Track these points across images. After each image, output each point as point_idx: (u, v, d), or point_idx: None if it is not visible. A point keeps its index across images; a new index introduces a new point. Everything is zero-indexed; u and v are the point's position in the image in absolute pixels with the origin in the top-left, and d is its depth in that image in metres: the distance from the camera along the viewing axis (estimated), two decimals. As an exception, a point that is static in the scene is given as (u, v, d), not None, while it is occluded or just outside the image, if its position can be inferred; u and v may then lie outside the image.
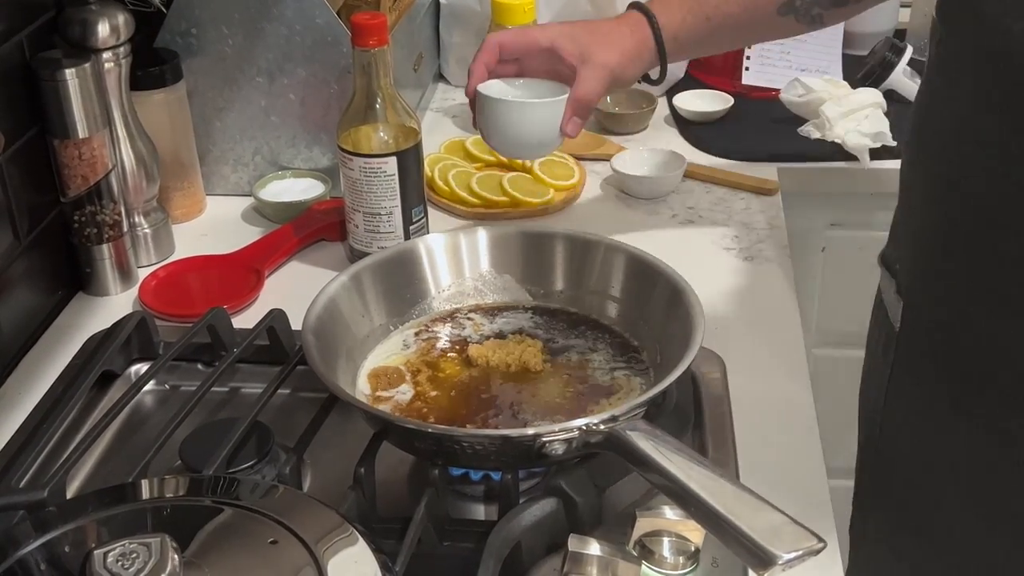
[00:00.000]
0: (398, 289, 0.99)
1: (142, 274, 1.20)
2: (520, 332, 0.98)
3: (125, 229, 1.18)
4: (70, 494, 0.85)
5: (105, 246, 1.16)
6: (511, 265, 1.02)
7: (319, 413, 0.89)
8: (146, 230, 1.23)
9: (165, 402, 1.02)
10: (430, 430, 0.82)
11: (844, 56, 1.62)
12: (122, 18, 1.14)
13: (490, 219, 1.28)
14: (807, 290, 1.53)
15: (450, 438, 0.80)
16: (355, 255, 1.17)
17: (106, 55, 1.13)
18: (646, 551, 0.77)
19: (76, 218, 1.15)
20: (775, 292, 1.16)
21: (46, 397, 0.97)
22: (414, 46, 1.49)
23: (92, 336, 1.06)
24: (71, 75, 1.08)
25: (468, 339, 0.97)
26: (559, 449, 0.77)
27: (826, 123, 1.43)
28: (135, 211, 1.22)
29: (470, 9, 1.59)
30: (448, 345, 0.97)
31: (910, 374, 0.93)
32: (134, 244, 1.21)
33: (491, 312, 1.01)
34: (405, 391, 0.91)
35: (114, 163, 1.15)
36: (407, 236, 1.16)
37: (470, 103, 1.07)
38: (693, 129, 1.51)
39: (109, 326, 1.04)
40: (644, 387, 0.90)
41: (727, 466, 0.88)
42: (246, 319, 1.09)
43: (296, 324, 0.94)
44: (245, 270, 1.19)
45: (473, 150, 1.41)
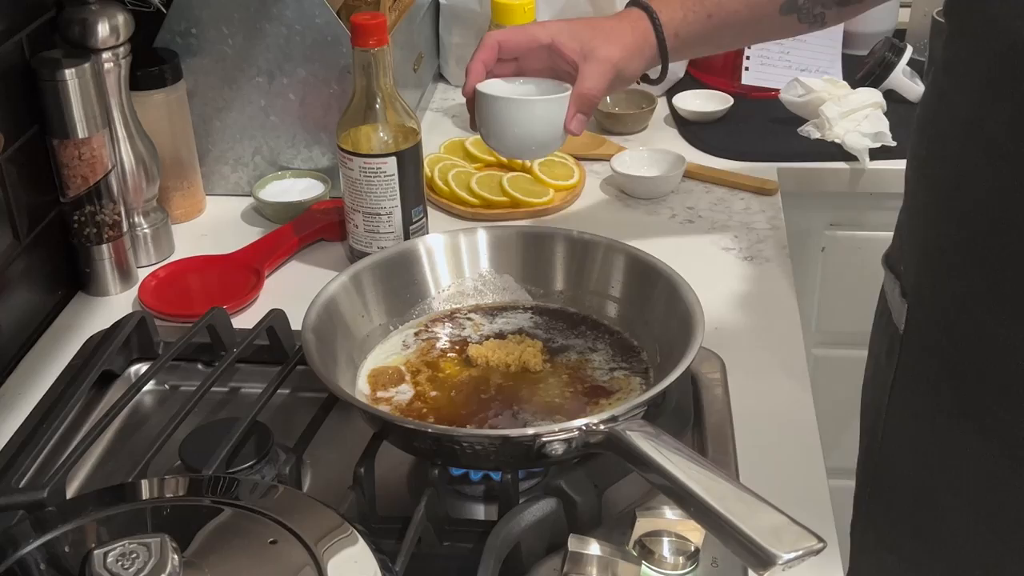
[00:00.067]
0: (398, 289, 0.99)
1: (142, 274, 1.20)
2: (520, 332, 0.98)
3: (125, 229, 1.18)
4: (70, 494, 0.85)
5: (105, 246, 1.16)
6: (511, 265, 1.02)
7: (319, 413, 0.89)
8: (146, 230, 1.23)
9: (165, 402, 1.02)
10: (430, 430, 0.82)
11: (844, 56, 1.63)
12: (122, 18, 1.14)
13: (490, 219, 1.28)
14: (807, 290, 1.53)
15: (450, 438, 0.80)
16: (355, 255, 1.17)
17: (106, 55, 1.13)
18: (646, 551, 0.77)
19: (76, 218, 1.15)
20: (775, 292, 1.16)
21: (46, 397, 0.97)
22: (414, 46, 1.49)
23: (92, 336, 1.06)
24: (71, 75, 1.08)
25: (468, 339, 0.97)
26: (559, 449, 0.77)
27: (826, 123, 1.43)
28: (135, 211, 1.22)
29: (470, 9, 1.60)
30: (448, 345, 0.97)
31: (914, 377, 0.92)
32: (134, 244, 1.21)
33: (491, 312, 1.01)
34: (405, 391, 0.91)
35: (114, 163, 1.15)
36: (407, 236, 1.16)
37: (467, 103, 1.05)
38: (693, 129, 1.51)
39: (109, 326, 1.04)
40: (644, 387, 0.90)
41: (727, 466, 0.88)
42: (246, 319, 1.09)
43: (296, 324, 0.94)
44: (245, 270, 1.19)
45: (473, 150, 1.41)
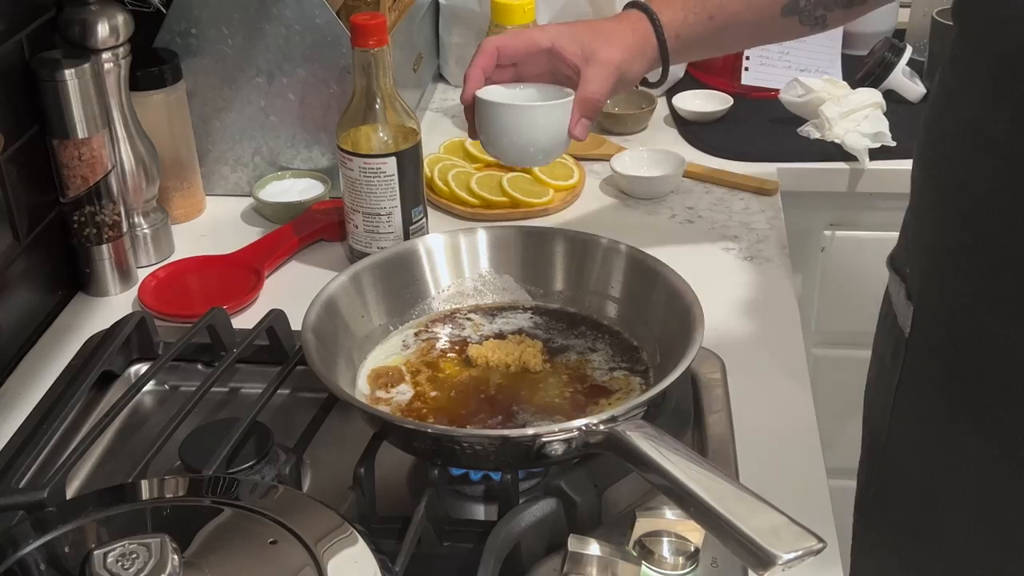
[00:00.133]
0: (398, 289, 0.99)
1: (142, 274, 1.20)
2: (520, 332, 0.98)
3: (125, 229, 1.18)
4: (70, 494, 0.85)
5: (105, 246, 1.16)
6: (511, 265, 1.02)
7: (319, 413, 0.89)
8: (146, 230, 1.23)
9: (165, 402, 1.02)
10: (429, 430, 0.82)
11: (843, 56, 1.63)
12: (121, 18, 1.14)
13: (490, 219, 1.28)
14: (807, 290, 1.53)
15: (449, 438, 0.80)
16: (355, 255, 1.17)
17: (106, 55, 1.13)
18: (646, 551, 0.77)
19: (76, 218, 1.15)
20: (775, 292, 1.16)
21: (46, 397, 0.97)
22: (413, 46, 1.49)
23: (92, 336, 1.06)
24: (71, 75, 1.08)
25: (468, 339, 0.97)
26: (559, 449, 0.77)
27: (825, 123, 1.43)
28: (135, 211, 1.22)
29: (470, 9, 1.60)
30: (448, 345, 0.97)
31: (919, 379, 0.92)
32: (134, 244, 1.21)
33: (491, 312, 1.01)
34: (405, 391, 0.91)
35: (113, 163, 1.15)
36: (407, 236, 1.16)
37: (466, 111, 1.02)
38: (693, 129, 1.51)
39: (109, 326, 1.04)
40: (644, 387, 0.90)
41: (727, 466, 0.88)
42: (246, 319, 1.09)
43: (296, 324, 0.94)
44: (245, 270, 1.19)
45: (472, 150, 1.41)
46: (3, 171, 1.05)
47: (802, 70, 1.57)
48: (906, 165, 1.41)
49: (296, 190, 1.32)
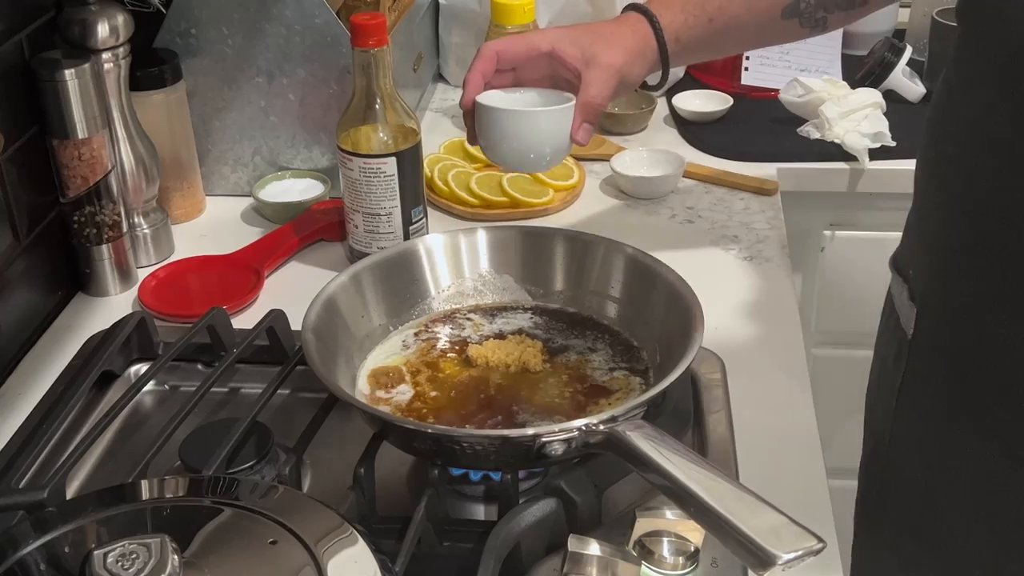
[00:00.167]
0: (398, 289, 0.99)
1: (142, 274, 1.20)
2: (519, 332, 0.97)
3: (125, 229, 1.18)
4: (70, 494, 0.85)
5: (105, 246, 1.16)
6: (510, 265, 1.02)
7: (319, 413, 0.89)
8: (145, 230, 1.23)
9: (165, 402, 1.02)
10: (429, 430, 0.82)
11: (843, 56, 1.63)
12: (121, 18, 1.14)
13: (489, 219, 1.28)
14: (807, 290, 1.53)
15: (449, 438, 0.80)
16: (355, 255, 1.17)
17: (105, 55, 1.13)
18: (646, 551, 0.77)
19: (76, 218, 1.15)
20: (775, 292, 1.16)
21: (46, 397, 0.97)
22: (413, 46, 1.49)
23: (92, 336, 1.06)
24: (70, 75, 1.08)
25: (468, 339, 0.97)
26: (558, 449, 0.77)
27: (825, 123, 1.43)
28: (135, 211, 1.22)
29: (469, 9, 1.60)
30: (448, 345, 0.97)
31: (922, 381, 0.92)
32: (134, 244, 1.21)
33: (490, 312, 1.01)
34: (405, 391, 0.91)
35: (113, 163, 1.15)
36: (407, 236, 1.16)
37: (465, 117, 1.01)
38: (692, 129, 1.51)
39: (109, 326, 1.04)
40: (643, 387, 0.90)
41: (727, 466, 0.88)
42: (246, 319, 1.09)
43: (296, 324, 0.94)
44: (245, 270, 1.19)
45: (472, 151, 1.41)
46: (3, 171, 1.05)
47: (802, 70, 1.57)
48: (906, 165, 1.42)
49: (296, 190, 1.32)
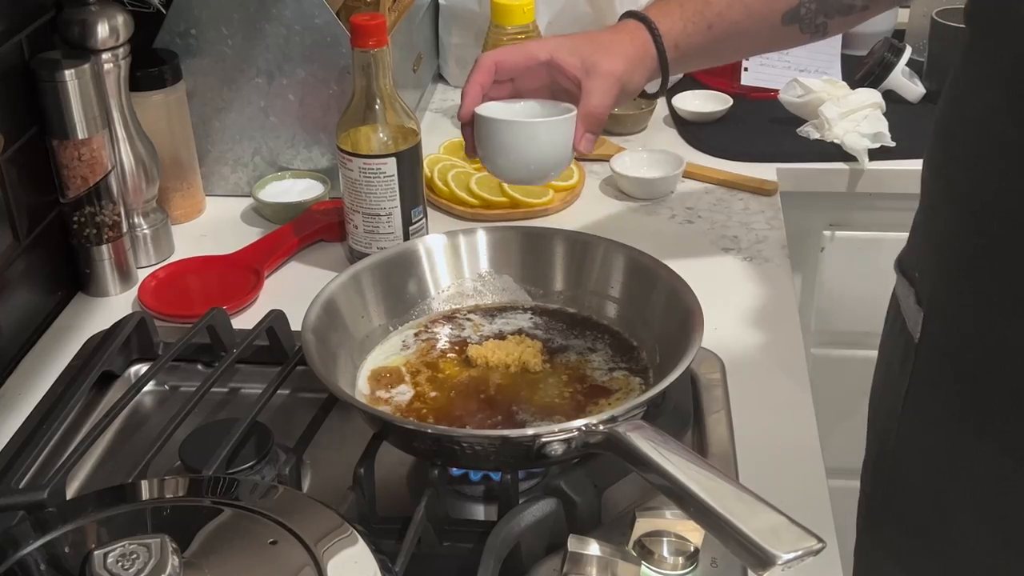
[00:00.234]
0: (397, 290, 0.99)
1: (142, 275, 1.20)
2: (519, 332, 0.98)
3: (124, 230, 1.18)
4: (70, 495, 0.85)
5: (104, 247, 1.16)
6: (510, 265, 1.02)
7: (319, 413, 0.89)
8: (145, 231, 1.23)
9: (165, 402, 1.02)
10: (429, 431, 0.82)
11: (843, 56, 1.63)
12: (121, 19, 1.14)
13: (489, 219, 1.28)
14: (806, 290, 1.53)
15: (449, 439, 0.80)
16: (354, 256, 1.17)
17: (105, 56, 1.13)
18: (645, 551, 0.77)
19: (75, 219, 1.15)
20: (774, 292, 1.16)
21: (46, 398, 0.97)
22: (413, 47, 1.49)
23: (92, 337, 1.06)
24: (70, 76, 1.08)
25: (467, 340, 0.97)
26: (558, 449, 0.77)
27: (825, 123, 1.43)
28: (134, 212, 1.22)
29: (469, 10, 1.60)
30: (447, 346, 0.97)
31: (929, 385, 0.91)
32: (133, 245, 1.21)
33: (490, 312, 1.01)
34: (404, 391, 0.91)
35: (113, 164, 1.15)
36: (406, 237, 1.16)
37: (463, 129, 1.00)
38: (692, 129, 1.51)
39: (109, 327, 1.04)
40: (643, 387, 0.90)
41: (727, 466, 0.88)
42: (246, 319, 1.09)
43: (296, 324, 0.94)
44: (244, 271, 1.19)
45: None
46: (3, 171, 1.05)
47: (802, 70, 1.57)
48: (905, 165, 1.43)
49: (296, 190, 1.32)
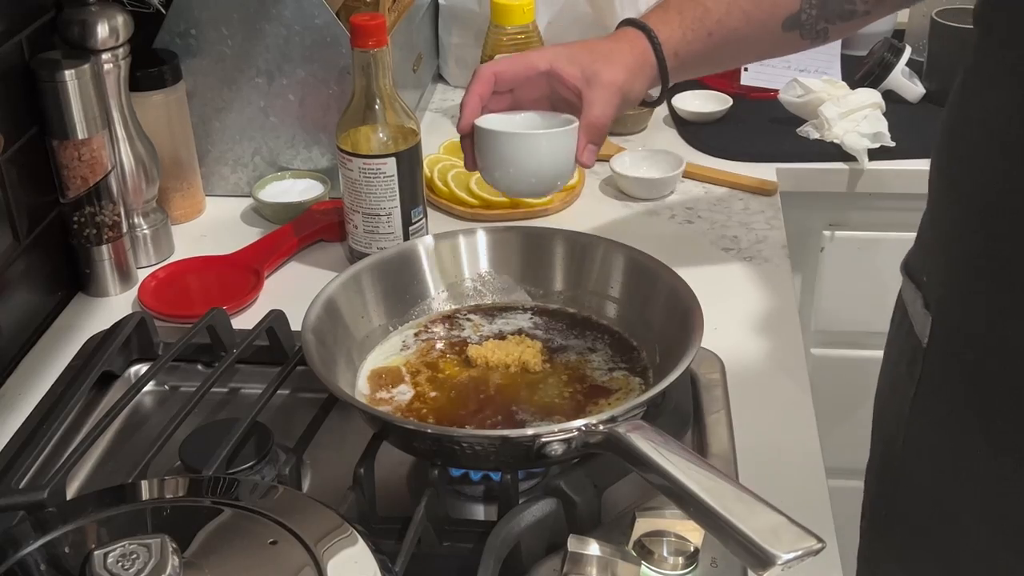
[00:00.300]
0: (397, 290, 0.99)
1: (141, 275, 1.20)
2: (519, 332, 0.98)
3: (124, 230, 1.18)
4: (70, 495, 0.85)
5: (104, 247, 1.16)
6: (510, 265, 1.02)
7: (319, 413, 0.89)
8: (145, 231, 1.23)
9: (165, 402, 1.02)
10: (429, 431, 0.83)
11: (843, 56, 1.63)
12: (121, 19, 1.14)
13: (489, 219, 1.28)
14: (806, 290, 1.53)
15: (449, 439, 0.80)
16: (354, 256, 1.17)
17: (105, 56, 1.14)
18: (645, 551, 0.77)
19: (75, 219, 1.15)
20: (774, 292, 1.16)
21: (46, 398, 0.97)
22: (413, 47, 1.49)
23: (92, 337, 1.06)
24: (70, 76, 1.08)
25: (467, 340, 0.97)
26: (558, 449, 0.77)
27: (825, 123, 1.43)
28: (134, 212, 1.22)
29: (469, 10, 1.60)
30: (447, 346, 0.97)
31: (937, 390, 0.90)
32: (133, 245, 1.21)
33: (490, 312, 1.01)
34: (404, 392, 0.91)
35: (113, 164, 1.15)
36: (406, 237, 1.16)
37: (463, 141, 0.99)
38: (692, 129, 1.51)
39: (109, 327, 1.04)
40: (643, 387, 0.90)
41: (727, 466, 0.88)
42: (246, 320, 1.09)
43: (295, 325, 0.94)
44: (244, 271, 1.19)
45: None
46: (3, 172, 1.05)
47: (801, 70, 1.57)
48: (905, 165, 1.43)
49: (296, 190, 1.32)
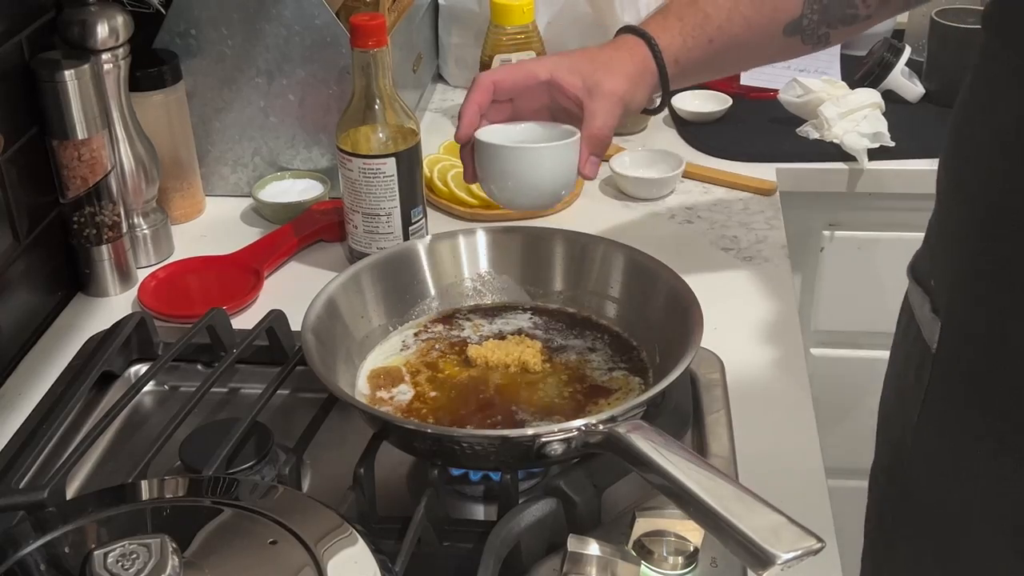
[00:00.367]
0: (397, 290, 0.99)
1: (141, 275, 1.20)
2: (519, 332, 0.98)
3: (124, 230, 1.18)
4: (70, 495, 0.85)
5: (104, 247, 1.16)
6: (510, 265, 1.02)
7: (318, 413, 0.89)
8: (145, 231, 1.23)
9: (165, 402, 1.02)
10: (429, 431, 0.83)
11: (842, 56, 1.63)
12: (121, 19, 1.14)
13: (489, 219, 1.28)
14: (806, 290, 1.53)
15: (449, 438, 0.80)
16: (354, 256, 1.17)
17: (105, 56, 1.14)
18: (645, 551, 0.77)
19: (75, 219, 1.15)
20: (774, 292, 1.16)
21: (46, 398, 0.97)
22: (413, 47, 1.50)
23: (92, 337, 1.06)
24: (70, 76, 1.08)
25: (467, 340, 0.97)
26: (558, 449, 0.77)
27: (824, 123, 1.43)
28: (134, 212, 1.22)
29: (469, 10, 1.60)
30: (447, 346, 0.97)
31: (947, 398, 0.89)
32: (133, 245, 1.21)
33: (490, 312, 1.01)
34: (404, 391, 0.91)
35: (113, 164, 1.15)
36: (406, 237, 1.16)
37: (462, 152, 0.98)
38: (692, 129, 1.51)
39: (109, 327, 1.04)
40: (643, 387, 0.90)
41: (726, 466, 0.88)
42: (245, 320, 1.09)
43: (295, 325, 0.94)
44: (244, 271, 1.19)
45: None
46: (3, 172, 1.05)
47: (801, 70, 1.57)
48: (905, 165, 1.43)
49: (296, 190, 1.32)
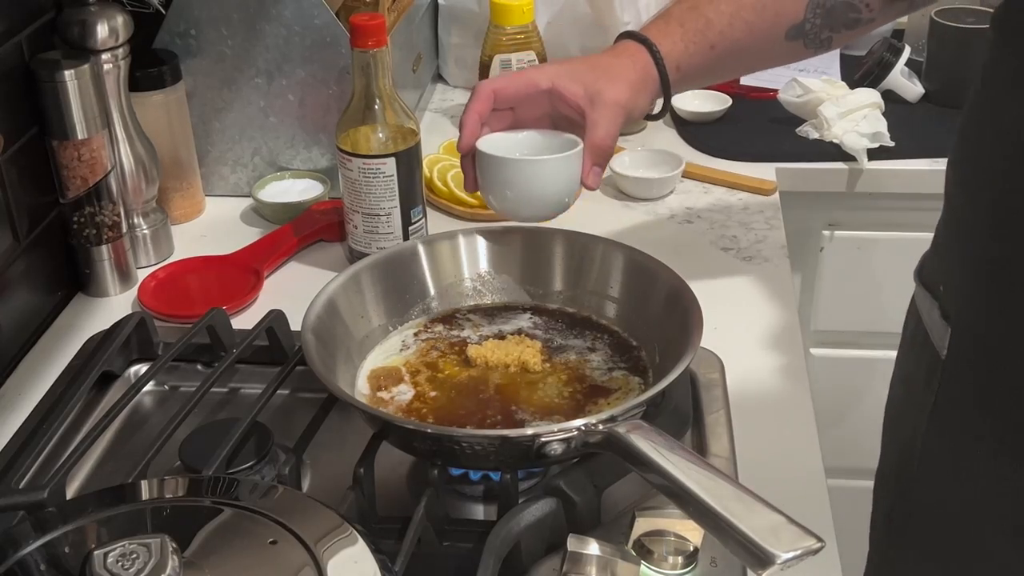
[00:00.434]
0: (397, 290, 0.99)
1: (141, 275, 1.20)
2: (519, 332, 0.98)
3: (124, 230, 1.18)
4: (70, 495, 0.85)
5: (104, 247, 1.16)
6: (510, 265, 1.02)
7: (318, 413, 0.89)
8: (145, 231, 1.23)
9: (165, 402, 1.02)
10: (429, 430, 0.83)
11: (842, 56, 1.63)
12: (121, 19, 1.14)
13: (489, 219, 1.28)
14: (805, 290, 1.53)
15: (449, 438, 0.80)
16: (354, 256, 1.17)
17: (105, 56, 1.14)
18: (645, 551, 0.77)
19: (75, 219, 1.15)
20: (774, 292, 1.16)
21: (46, 398, 0.97)
22: (413, 47, 1.50)
23: (91, 337, 1.07)
24: (70, 76, 1.08)
25: (467, 339, 0.97)
26: (558, 449, 0.77)
27: (824, 123, 1.43)
28: (134, 212, 1.22)
29: (469, 10, 1.60)
30: (447, 346, 0.97)
31: (958, 404, 0.88)
32: (133, 245, 1.21)
33: (490, 312, 1.01)
34: (404, 391, 0.91)
35: (113, 164, 1.15)
36: (406, 237, 1.16)
37: (463, 161, 0.97)
38: (691, 129, 1.51)
39: (108, 327, 1.04)
40: (643, 387, 0.90)
41: (726, 466, 0.88)
42: (245, 320, 1.09)
43: (295, 325, 0.94)
44: (244, 271, 1.19)
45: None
46: (3, 172, 1.05)
47: (800, 70, 1.57)
48: (905, 165, 1.43)
49: (296, 190, 1.32)
